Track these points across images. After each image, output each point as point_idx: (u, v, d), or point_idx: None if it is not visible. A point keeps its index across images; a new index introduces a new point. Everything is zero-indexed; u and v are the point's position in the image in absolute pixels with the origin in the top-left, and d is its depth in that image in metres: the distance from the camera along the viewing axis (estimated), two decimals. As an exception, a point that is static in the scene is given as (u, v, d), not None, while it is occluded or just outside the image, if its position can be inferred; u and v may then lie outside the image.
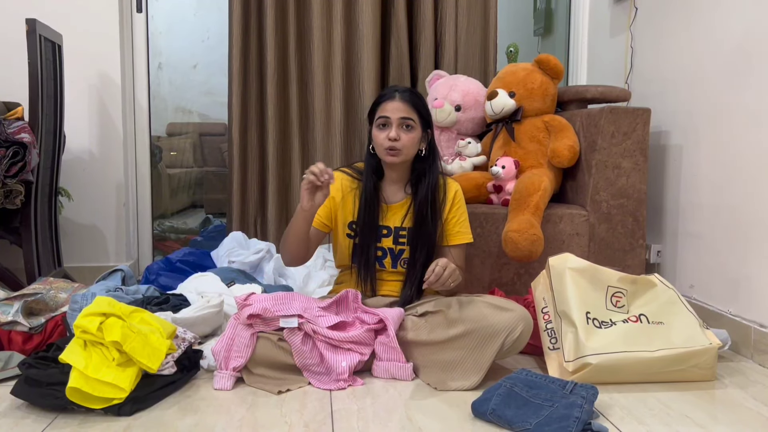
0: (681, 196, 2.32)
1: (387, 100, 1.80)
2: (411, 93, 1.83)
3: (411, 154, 1.83)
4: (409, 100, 1.80)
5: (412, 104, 1.80)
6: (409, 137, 1.79)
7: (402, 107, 1.79)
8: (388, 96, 1.81)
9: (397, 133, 1.78)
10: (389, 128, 1.78)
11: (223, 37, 2.86)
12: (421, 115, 1.82)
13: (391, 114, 1.78)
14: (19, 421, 1.43)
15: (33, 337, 1.83)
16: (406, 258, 1.87)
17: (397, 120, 1.78)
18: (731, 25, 2.07)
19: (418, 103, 1.81)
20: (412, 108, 1.80)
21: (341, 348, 1.69)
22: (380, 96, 1.85)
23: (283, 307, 1.68)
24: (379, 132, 1.80)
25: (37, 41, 2.22)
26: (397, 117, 1.78)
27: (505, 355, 1.68)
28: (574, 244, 2.21)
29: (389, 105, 1.79)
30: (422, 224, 1.83)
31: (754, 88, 1.96)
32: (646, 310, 1.76)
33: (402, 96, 1.80)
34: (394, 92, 1.82)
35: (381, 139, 1.80)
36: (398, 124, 1.78)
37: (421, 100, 1.85)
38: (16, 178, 2.14)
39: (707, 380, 1.71)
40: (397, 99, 1.80)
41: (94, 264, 2.83)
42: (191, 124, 4.82)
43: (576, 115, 2.34)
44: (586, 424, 1.36)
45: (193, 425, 1.41)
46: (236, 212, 2.91)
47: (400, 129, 1.78)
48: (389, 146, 1.79)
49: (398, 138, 1.78)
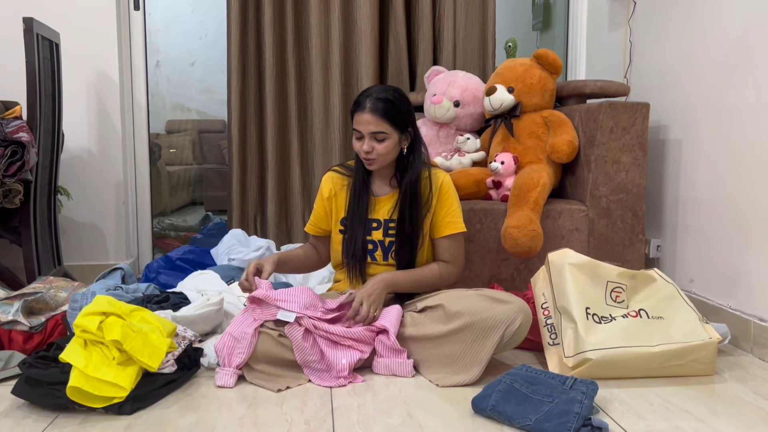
0: (680, 191, 2.32)
1: (359, 111, 1.78)
2: (383, 101, 1.77)
3: (388, 159, 1.83)
4: (380, 111, 1.76)
5: (383, 115, 1.76)
6: (382, 147, 1.78)
7: (371, 120, 1.76)
8: (360, 107, 1.78)
9: (369, 146, 1.78)
10: (363, 140, 1.79)
11: (221, 34, 2.86)
12: (394, 122, 1.78)
13: (362, 128, 1.78)
14: (20, 421, 1.43)
15: (33, 336, 1.83)
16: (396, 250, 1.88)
17: (368, 134, 1.78)
18: (730, 19, 2.06)
19: (389, 111, 1.77)
20: (383, 119, 1.76)
21: (341, 345, 1.69)
22: (354, 103, 1.82)
23: (288, 298, 1.68)
24: (356, 141, 1.82)
25: (34, 40, 2.22)
26: (368, 132, 1.77)
27: (505, 348, 1.68)
28: (573, 239, 2.21)
29: (360, 117, 1.78)
30: (403, 219, 1.84)
31: (753, 83, 1.96)
32: (646, 305, 1.76)
33: (373, 107, 1.76)
34: (366, 101, 1.77)
35: (357, 149, 1.82)
36: (370, 137, 1.78)
37: (394, 104, 1.78)
38: (14, 178, 2.14)
39: (707, 375, 1.71)
40: (367, 111, 1.76)
41: (94, 262, 2.83)
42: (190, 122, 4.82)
43: (575, 110, 2.34)
44: (586, 419, 1.36)
45: (193, 423, 1.42)
46: (236, 209, 2.92)
47: (373, 141, 1.78)
48: (364, 157, 1.81)
49: (371, 150, 1.78)
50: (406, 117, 1.81)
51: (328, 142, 2.87)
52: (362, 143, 1.79)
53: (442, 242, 1.88)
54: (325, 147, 2.87)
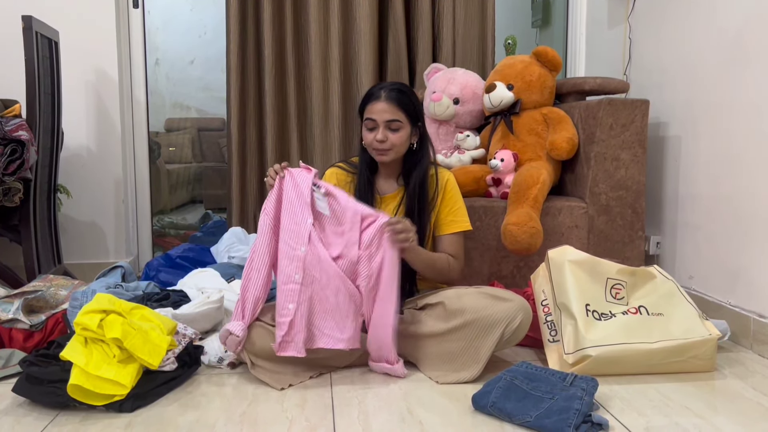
0: (680, 188, 2.32)
1: (373, 101, 1.79)
2: (397, 91, 1.80)
3: (401, 151, 1.82)
4: (395, 100, 1.77)
5: (398, 104, 1.77)
6: (396, 137, 1.78)
7: (387, 108, 1.77)
8: (374, 96, 1.79)
9: (384, 135, 1.77)
10: (377, 130, 1.78)
11: (220, 32, 2.85)
12: (408, 113, 1.79)
13: (377, 116, 1.77)
14: (21, 419, 1.43)
15: (34, 334, 1.83)
16: None
17: (383, 123, 1.77)
18: (730, 15, 2.06)
19: (404, 101, 1.79)
20: (398, 108, 1.77)
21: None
22: (367, 95, 1.82)
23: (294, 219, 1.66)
24: (368, 133, 1.81)
25: (33, 38, 2.22)
26: (383, 120, 1.77)
27: (505, 346, 1.68)
28: (573, 236, 2.21)
29: (375, 107, 1.78)
30: (411, 216, 1.82)
31: (752, 79, 1.95)
32: (646, 301, 1.76)
33: (387, 96, 1.77)
34: (380, 92, 1.79)
35: (369, 140, 1.80)
36: (384, 126, 1.78)
37: (408, 96, 1.81)
38: (14, 176, 2.14)
39: (707, 371, 1.71)
40: (383, 100, 1.77)
41: (94, 261, 2.83)
42: (189, 120, 4.82)
43: (574, 107, 2.33)
44: (587, 416, 1.37)
45: (194, 421, 1.42)
46: (236, 207, 2.91)
47: (387, 130, 1.78)
48: (377, 147, 1.79)
49: (385, 139, 1.78)
50: (417, 110, 1.83)
51: (327, 140, 2.87)
52: (375, 134, 1.77)
53: (446, 239, 1.87)
54: (324, 145, 2.87)
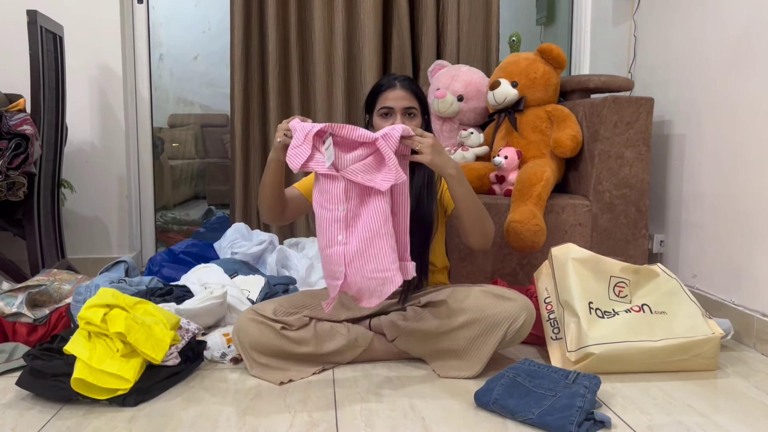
0: (684, 186, 2.32)
1: (388, 89, 1.79)
2: (410, 81, 1.82)
3: None
4: (409, 88, 1.79)
5: (412, 92, 1.79)
6: (413, 125, 1.78)
7: (405, 96, 1.77)
8: (388, 85, 1.79)
9: (402, 122, 1.77)
10: (392, 117, 1.77)
11: (225, 27, 2.85)
12: (421, 102, 1.81)
13: (395, 104, 1.77)
14: (24, 413, 1.44)
15: (37, 328, 1.84)
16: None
17: (401, 109, 1.77)
18: (735, 13, 2.05)
19: (417, 91, 1.81)
20: (414, 96, 1.79)
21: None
22: (379, 85, 1.82)
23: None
24: (383, 121, 1.79)
25: (38, 33, 2.22)
26: (401, 107, 1.76)
27: (508, 345, 1.68)
28: (576, 234, 2.21)
29: (391, 94, 1.78)
30: (419, 207, 1.81)
31: (757, 78, 1.95)
32: (649, 299, 1.76)
33: (403, 84, 1.79)
34: (394, 81, 1.80)
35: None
36: (402, 113, 1.77)
37: (419, 87, 1.85)
38: (18, 171, 2.14)
39: (710, 370, 1.71)
40: (399, 88, 1.78)
41: (98, 255, 2.83)
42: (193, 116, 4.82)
43: (579, 105, 2.33)
44: (589, 413, 1.37)
45: (196, 416, 1.42)
46: (239, 203, 2.92)
47: (405, 117, 1.77)
48: None
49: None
50: (426, 102, 1.84)
51: (331, 136, 2.87)
52: (391, 121, 1.76)
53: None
54: (328, 141, 2.87)
